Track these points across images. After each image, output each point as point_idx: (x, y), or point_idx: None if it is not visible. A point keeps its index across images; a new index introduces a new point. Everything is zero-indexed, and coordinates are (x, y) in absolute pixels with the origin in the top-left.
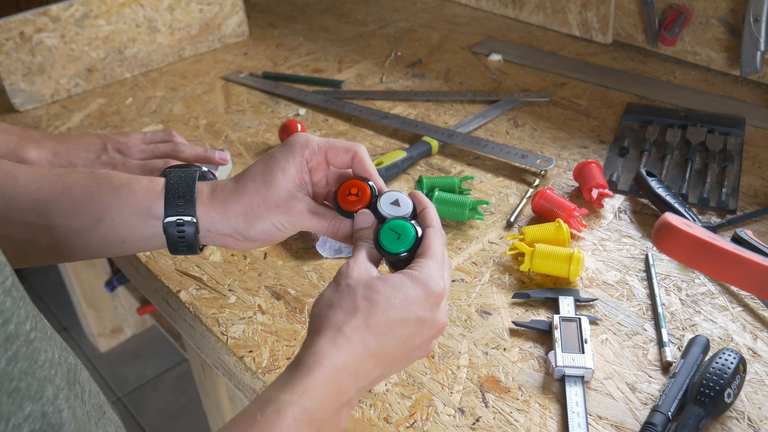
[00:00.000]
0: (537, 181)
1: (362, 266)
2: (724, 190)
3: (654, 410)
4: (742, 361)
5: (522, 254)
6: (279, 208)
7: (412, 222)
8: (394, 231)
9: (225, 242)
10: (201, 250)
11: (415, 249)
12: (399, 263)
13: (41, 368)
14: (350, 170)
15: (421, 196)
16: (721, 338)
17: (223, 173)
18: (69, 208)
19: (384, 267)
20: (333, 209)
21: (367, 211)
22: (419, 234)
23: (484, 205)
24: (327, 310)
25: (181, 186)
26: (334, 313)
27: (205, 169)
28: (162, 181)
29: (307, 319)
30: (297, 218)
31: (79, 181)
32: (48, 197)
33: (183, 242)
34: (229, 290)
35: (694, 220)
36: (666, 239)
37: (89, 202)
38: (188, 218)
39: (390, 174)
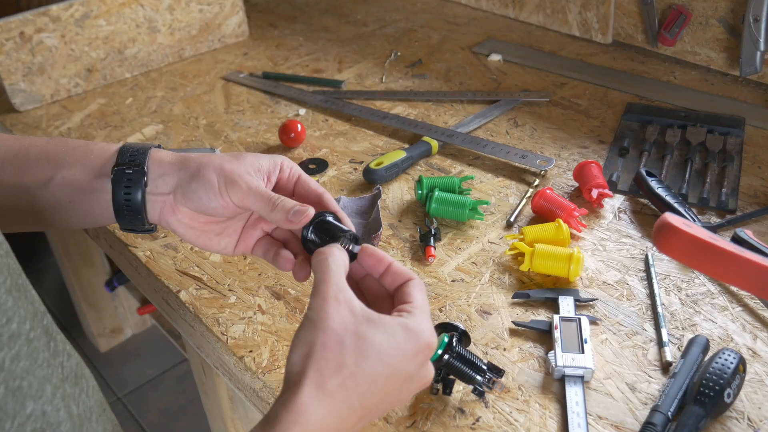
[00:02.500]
0: (537, 181)
1: (339, 297)
2: (723, 190)
3: (654, 410)
4: (741, 361)
5: (522, 254)
6: (231, 175)
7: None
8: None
9: (172, 212)
10: (148, 224)
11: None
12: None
13: (41, 367)
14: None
15: (376, 250)
16: (720, 338)
17: None
18: (22, 165)
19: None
20: (279, 195)
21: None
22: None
23: (484, 205)
24: (306, 361)
25: (137, 145)
26: (316, 366)
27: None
28: (118, 144)
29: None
30: (242, 190)
31: (37, 143)
32: (3, 156)
33: (129, 202)
34: (229, 290)
35: (694, 220)
36: (666, 239)
37: (43, 161)
38: (137, 168)
39: (390, 174)
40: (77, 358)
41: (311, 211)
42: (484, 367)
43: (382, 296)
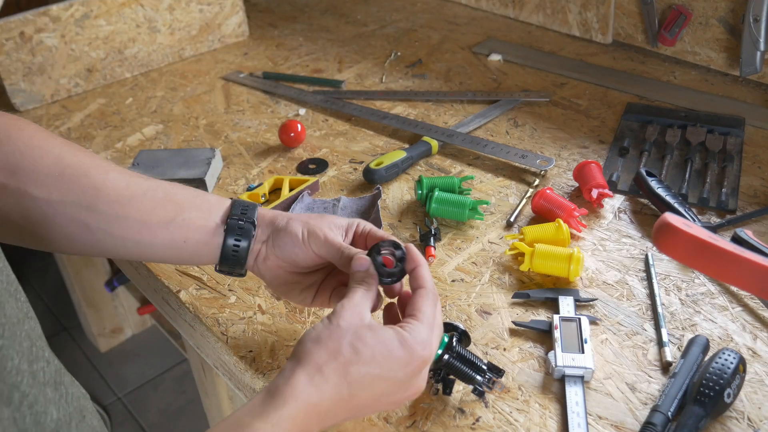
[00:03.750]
0: (537, 181)
1: (356, 309)
2: (723, 190)
3: (654, 410)
4: (741, 361)
5: (522, 254)
6: (313, 227)
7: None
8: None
9: (256, 255)
10: (244, 274)
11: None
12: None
13: (9, 374)
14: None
15: (415, 252)
16: (720, 338)
17: (214, 171)
18: (150, 205)
19: (377, 314)
20: (355, 249)
21: (364, 256)
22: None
23: (484, 205)
24: (313, 345)
25: (246, 202)
26: (318, 350)
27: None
28: (229, 200)
29: (308, 319)
30: (321, 240)
31: (163, 185)
32: (134, 194)
33: (236, 252)
34: (229, 290)
35: (694, 220)
36: (666, 239)
37: (167, 202)
38: (248, 221)
39: (390, 174)
40: (58, 365)
41: (364, 266)
42: (484, 367)
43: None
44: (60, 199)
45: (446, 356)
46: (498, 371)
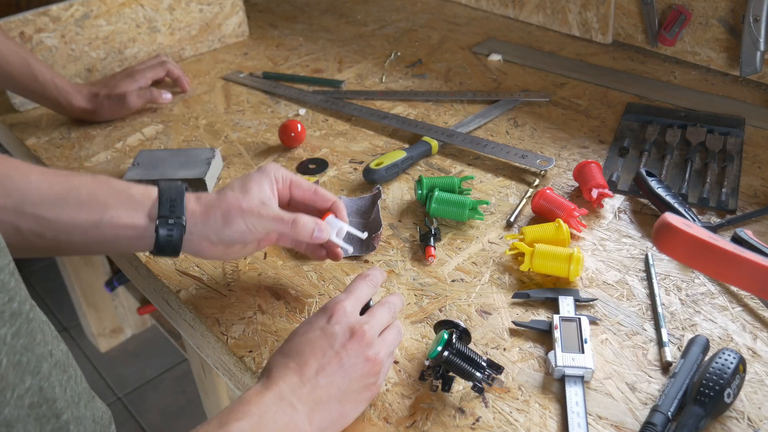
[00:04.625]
0: (537, 181)
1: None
2: (723, 190)
3: (654, 410)
4: (741, 361)
5: (522, 254)
6: (251, 211)
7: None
8: None
9: (200, 246)
10: (178, 254)
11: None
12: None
13: (39, 346)
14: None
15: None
16: (720, 338)
17: (214, 171)
18: (75, 205)
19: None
20: (294, 213)
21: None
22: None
23: (484, 205)
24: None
25: (172, 192)
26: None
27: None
28: (155, 188)
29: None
30: (265, 220)
31: (85, 182)
32: (57, 194)
33: (169, 243)
34: (229, 290)
35: (694, 220)
36: (666, 239)
37: (93, 201)
38: (178, 219)
39: (390, 174)
40: (64, 349)
41: (325, 228)
42: (484, 364)
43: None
44: None
45: (446, 353)
46: (497, 368)
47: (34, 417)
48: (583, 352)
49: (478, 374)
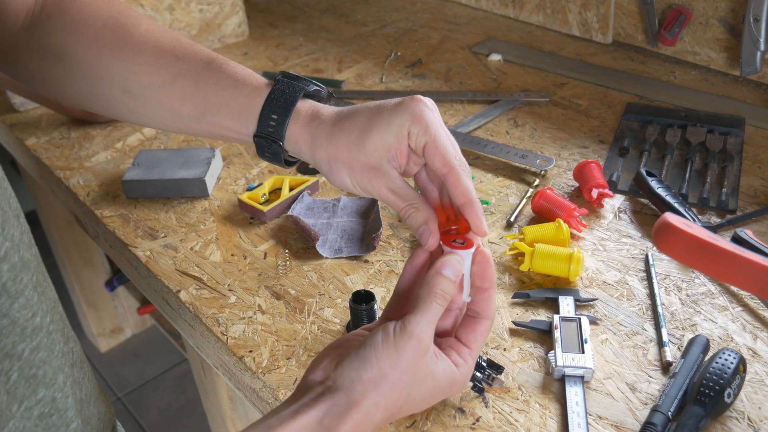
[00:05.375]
0: (537, 181)
1: (426, 345)
2: (724, 190)
3: (654, 410)
4: (742, 361)
5: (522, 254)
6: (362, 172)
7: None
8: None
9: (315, 165)
10: (294, 163)
11: None
12: None
13: (56, 357)
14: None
15: (488, 268)
16: (721, 338)
17: (214, 171)
18: (180, 96)
19: None
20: (414, 193)
21: (459, 256)
22: None
23: (484, 205)
24: (374, 390)
25: (280, 104)
26: (376, 400)
27: (316, 87)
28: (265, 93)
29: (308, 319)
30: (375, 189)
31: (193, 71)
32: (164, 81)
33: (269, 156)
34: (229, 290)
35: (694, 220)
36: (666, 239)
37: (196, 95)
38: (274, 144)
39: None
40: (79, 347)
41: (436, 238)
42: (484, 364)
43: (453, 308)
44: (98, 77)
45: None
46: (497, 368)
47: (43, 427)
48: (583, 352)
49: (477, 374)
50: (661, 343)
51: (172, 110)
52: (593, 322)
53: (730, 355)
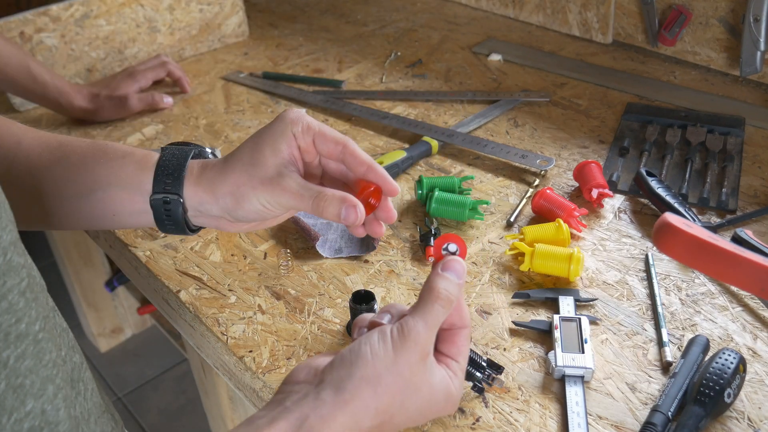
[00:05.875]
0: (537, 181)
1: (426, 350)
2: (724, 190)
3: (654, 410)
4: (742, 361)
5: (522, 254)
6: (264, 186)
7: None
8: None
9: (219, 224)
10: (195, 231)
11: None
12: None
13: (45, 367)
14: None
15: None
16: (721, 338)
17: None
18: (64, 176)
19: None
20: (318, 186)
21: (456, 259)
22: None
23: (484, 205)
24: (365, 390)
25: (172, 163)
26: (366, 403)
27: (207, 149)
28: (155, 157)
29: (308, 319)
30: (281, 196)
31: (78, 150)
32: (47, 164)
33: (170, 220)
34: (229, 290)
35: (694, 220)
36: (666, 239)
37: (83, 172)
38: (174, 197)
39: (390, 174)
40: (77, 361)
41: (360, 208)
42: (484, 364)
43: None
44: None
45: None
46: (497, 368)
47: None
48: (583, 352)
49: (478, 374)
50: (661, 343)
51: (56, 194)
52: (593, 322)
53: (730, 355)
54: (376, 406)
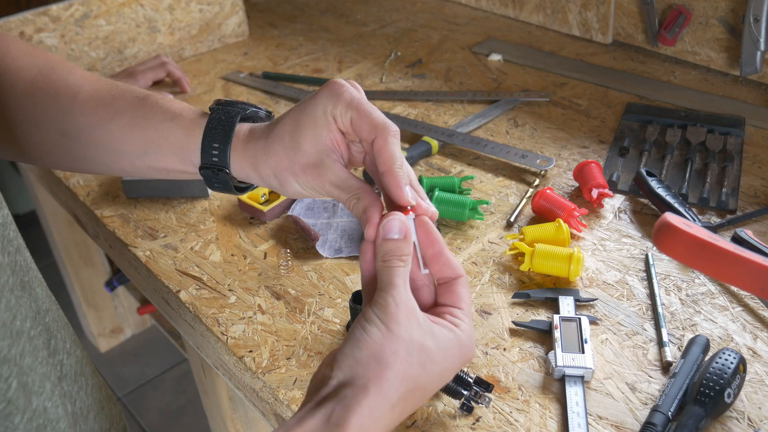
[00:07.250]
0: (537, 181)
1: (406, 304)
2: (724, 190)
3: (654, 410)
4: (742, 361)
5: (522, 254)
6: (305, 174)
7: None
8: None
9: (267, 185)
10: (247, 189)
11: None
12: None
13: (41, 365)
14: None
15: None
16: (721, 338)
17: None
18: (118, 134)
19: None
20: (357, 184)
21: (398, 216)
22: None
23: (484, 205)
24: (378, 366)
25: (218, 132)
26: (385, 375)
27: (258, 110)
28: (203, 124)
29: (308, 319)
30: (321, 186)
31: (130, 108)
32: (100, 121)
33: (219, 185)
34: (229, 290)
35: (694, 220)
36: (666, 239)
37: (136, 133)
38: (221, 170)
39: None
40: (79, 356)
41: (370, 227)
42: (471, 381)
43: (420, 285)
44: (35, 123)
45: None
46: (486, 385)
47: None
48: (583, 352)
49: (464, 392)
50: (661, 343)
51: (113, 149)
52: (593, 322)
53: (730, 355)
54: (395, 377)
